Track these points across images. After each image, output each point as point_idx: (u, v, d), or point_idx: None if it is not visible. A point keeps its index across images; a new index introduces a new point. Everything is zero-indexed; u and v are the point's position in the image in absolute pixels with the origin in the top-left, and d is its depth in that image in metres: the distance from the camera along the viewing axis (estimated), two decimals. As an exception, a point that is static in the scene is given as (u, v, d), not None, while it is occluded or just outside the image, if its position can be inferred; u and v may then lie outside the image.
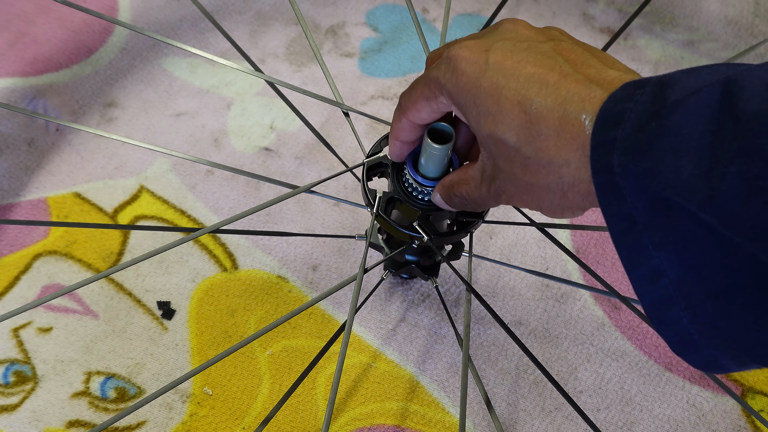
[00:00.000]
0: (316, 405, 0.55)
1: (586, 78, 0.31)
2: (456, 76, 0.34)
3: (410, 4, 0.54)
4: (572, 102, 0.30)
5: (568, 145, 0.30)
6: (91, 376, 0.55)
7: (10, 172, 0.63)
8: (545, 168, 0.31)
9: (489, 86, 0.33)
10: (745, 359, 0.27)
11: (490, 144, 0.34)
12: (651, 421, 0.55)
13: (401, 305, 0.59)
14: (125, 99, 0.68)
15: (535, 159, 0.32)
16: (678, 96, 0.27)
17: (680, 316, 0.27)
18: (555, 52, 0.33)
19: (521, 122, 0.32)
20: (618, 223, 0.28)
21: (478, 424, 0.55)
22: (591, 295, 0.60)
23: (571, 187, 0.31)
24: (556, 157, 0.31)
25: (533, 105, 0.31)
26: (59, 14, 0.70)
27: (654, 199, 0.26)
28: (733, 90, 0.25)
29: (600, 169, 0.28)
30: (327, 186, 0.64)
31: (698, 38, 0.75)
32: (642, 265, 0.28)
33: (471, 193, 0.38)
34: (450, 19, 0.74)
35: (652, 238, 0.27)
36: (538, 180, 0.32)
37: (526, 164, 0.32)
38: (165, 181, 0.64)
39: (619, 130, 0.28)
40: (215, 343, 0.57)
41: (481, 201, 0.38)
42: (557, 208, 0.33)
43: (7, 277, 0.59)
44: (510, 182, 0.34)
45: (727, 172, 0.24)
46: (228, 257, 0.61)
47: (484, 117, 0.33)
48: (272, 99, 0.69)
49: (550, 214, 0.34)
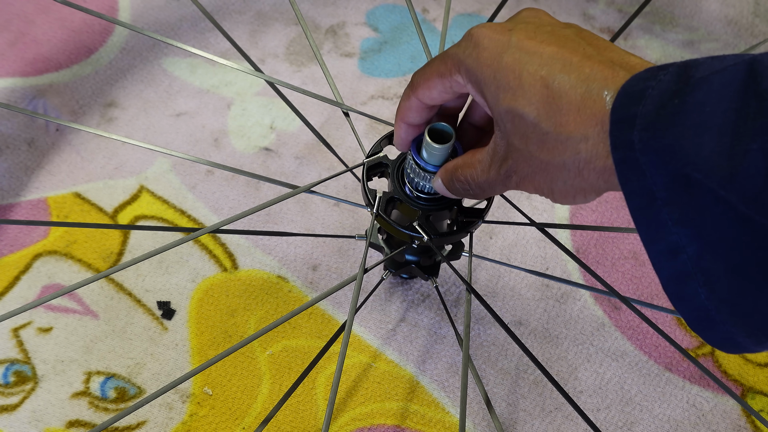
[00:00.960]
0: (316, 405, 0.55)
1: (610, 60, 0.31)
2: (477, 51, 0.34)
3: (410, 4, 0.54)
4: (595, 80, 0.30)
5: (588, 121, 0.30)
6: (91, 376, 0.55)
7: (10, 172, 0.63)
8: (563, 144, 0.31)
9: (511, 61, 0.33)
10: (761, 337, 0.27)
11: (507, 120, 0.33)
12: (651, 421, 0.55)
13: (401, 305, 0.59)
14: (125, 99, 0.68)
15: (554, 134, 0.31)
16: (702, 74, 0.27)
17: (698, 292, 0.27)
18: (578, 37, 0.33)
19: (542, 96, 0.32)
20: (637, 199, 0.28)
21: (478, 424, 0.55)
22: (591, 295, 0.60)
23: (587, 164, 0.31)
24: (575, 132, 0.31)
25: (556, 80, 0.31)
26: (59, 14, 0.70)
27: (674, 175, 0.26)
28: (757, 69, 0.25)
29: (620, 145, 0.28)
30: (327, 186, 0.64)
31: (698, 38, 0.75)
32: (660, 240, 0.28)
33: (477, 176, 0.38)
34: (450, 19, 0.74)
35: (671, 213, 0.27)
36: (554, 157, 0.32)
37: (544, 140, 0.32)
38: (165, 181, 0.64)
39: (641, 106, 0.28)
40: (215, 343, 0.57)
41: (486, 185, 0.38)
42: (570, 189, 0.33)
43: (7, 277, 0.59)
44: (524, 161, 0.34)
45: (749, 150, 0.24)
46: (228, 257, 0.61)
47: (504, 91, 0.33)
48: (272, 99, 0.69)
49: (561, 197, 0.34)
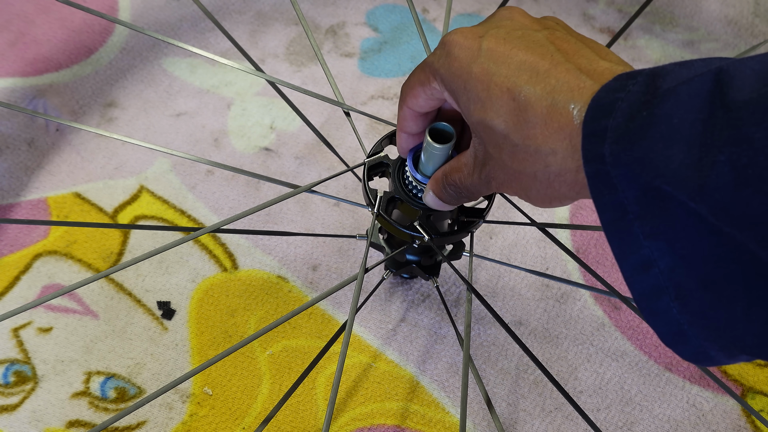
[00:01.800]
0: (316, 405, 0.55)
1: (577, 68, 0.31)
2: (449, 61, 0.35)
3: (411, 4, 0.54)
4: (561, 91, 0.30)
5: (556, 134, 0.30)
6: (91, 376, 0.55)
7: (10, 172, 0.63)
8: (532, 156, 0.32)
9: (480, 72, 0.33)
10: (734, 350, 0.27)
11: (480, 130, 0.34)
12: (651, 421, 0.55)
13: (401, 305, 0.59)
14: (125, 99, 0.68)
15: (523, 147, 0.32)
16: (669, 85, 0.27)
17: (670, 306, 0.27)
18: (548, 41, 0.33)
19: (510, 109, 0.32)
20: (609, 213, 0.28)
21: (479, 424, 0.55)
22: (591, 295, 0.60)
23: (557, 177, 0.31)
24: (543, 146, 0.31)
25: (522, 92, 0.31)
26: (59, 14, 0.70)
27: (645, 188, 0.26)
28: (724, 79, 0.25)
29: (591, 159, 0.28)
30: (327, 186, 0.64)
31: (698, 38, 0.75)
32: (632, 254, 0.28)
33: (464, 179, 0.38)
34: (450, 19, 0.74)
35: (643, 227, 0.27)
36: (525, 168, 0.32)
37: (514, 151, 0.32)
38: (165, 181, 0.64)
39: (611, 119, 0.28)
40: (215, 343, 0.57)
41: (473, 188, 0.38)
42: (544, 196, 0.33)
43: (7, 277, 0.59)
44: (499, 169, 0.34)
45: (717, 161, 0.24)
46: (228, 257, 0.61)
47: (474, 103, 0.33)
48: (272, 99, 0.69)
49: (537, 202, 0.34)
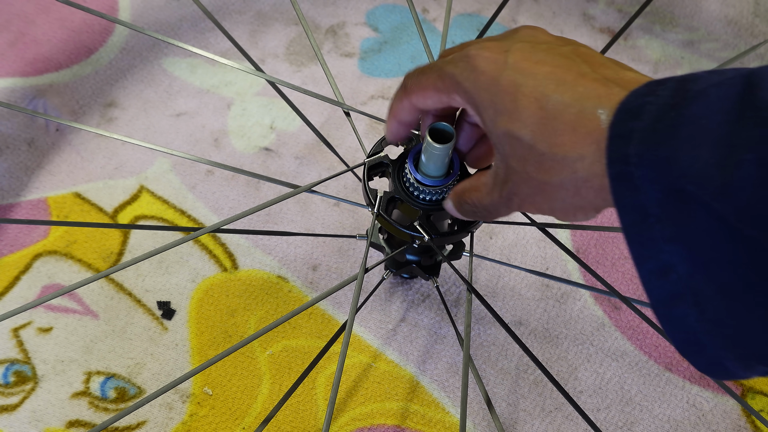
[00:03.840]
0: (316, 405, 0.55)
1: (604, 77, 0.31)
2: (474, 74, 0.34)
3: (411, 4, 0.54)
4: (589, 98, 0.30)
5: (584, 140, 0.30)
6: (91, 376, 0.55)
7: (10, 172, 0.63)
8: (559, 164, 0.31)
9: (507, 84, 0.33)
10: (751, 361, 0.27)
11: (505, 143, 0.34)
12: (651, 421, 0.55)
13: (401, 305, 0.59)
14: (125, 99, 0.68)
15: (550, 155, 0.31)
16: (699, 87, 0.27)
17: (687, 314, 0.27)
18: (574, 54, 0.33)
19: (537, 118, 0.32)
20: (630, 215, 0.28)
21: (479, 424, 0.55)
22: (591, 295, 0.60)
23: (584, 183, 0.31)
24: (571, 152, 0.31)
25: (550, 101, 0.31)
26: (59, 14, 0.70)
27: (668, 189, 0.26)
28: (754, 81, 0.25)
29: (615, 160, 0.28)
30: (327, 186, 0.64)
31: (698, 38, 0.75)
32: (651, 259, 0.27)
33: (482, 199, 0.38)
34: (450, 19, 0.74)
35: (663, 231, 0.27)
36: (552, 177, 0.32)
37: (541, 161, 0.32)
38: (165, 181, 0.64)
39: (638, 121, 0.28)
40: (215, 343, 0.57)
41: (492, 208, 0.38)
42: (570, 207, 0.33)
43: (7, 277, 0.59)
44: (523, 183, 0.34)
45: (743, 160, 0.24)
46: (228, 257, 0.61)
47: (501, 115, 0.33)
48: (272, 99, 0.69)
49: (562, 215, 0.34)
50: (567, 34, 0.75)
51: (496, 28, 0.75)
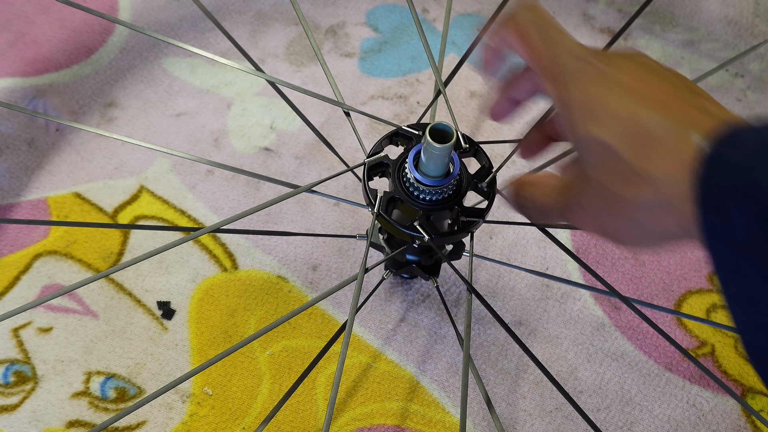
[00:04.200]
0: (316, 405, 0.55)
1: (703, 107, 0.31)
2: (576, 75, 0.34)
3: (411, 4, 0.54)
4: (686, 122, 0.30)
5: (673, 159, 0.29)
6: (91, 376, 0.55)
7: (10, 172, 0.63)
8: (642, 179, 0.30)
9: (605, 93, 0.33)
10: None
11: (587, 148, 0.33)
12: (651, 421, 0.55)
13: (401, 305, 0.59)
14: (125, 99, 0.68)
15: (635, 168, 0.31)
16: None
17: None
18: (676, 80, 0.33)
19: (629, 130, 0.31)
20: (716, 243, 0.27)
21: (479, 424, 0.55)
22: (591, 295, 0.60)
23: (665, 205, 0.30)
24: (657, 169, 0.30)
25: (645, 116, 0.31)
26: (59, 14, 0.70)
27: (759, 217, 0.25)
28: None
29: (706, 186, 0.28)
30: (327, 186, 0.64)
31: (698, 38, 0.75)
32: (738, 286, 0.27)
33: (540, 198, 0.37)
34: (450, 19, 0.74)
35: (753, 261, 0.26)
36: (630, 192, 0.31)
37: (622, 172, 0.31)
38: (165, 181, 0.64)
39: (735, 151, 0.27)
40: (215, 343, 0.57)
41: (545, 209, 0.37)
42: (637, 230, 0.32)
43: (7, 277, 0.59)
44: (595, 194, 0.33)
45: None
46: (228, 257, 0.61)
47: (591, 119, 0.33)
48: (272, 99, 0.69)
49: (626, 238, 0.33)
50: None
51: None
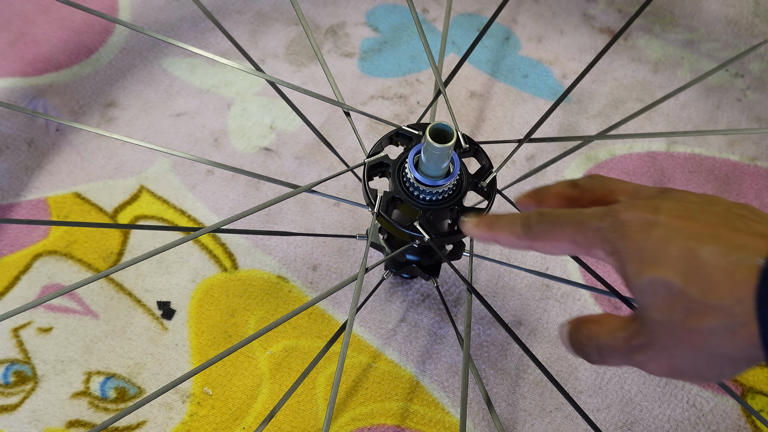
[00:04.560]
0: (316, 405, 0.55)
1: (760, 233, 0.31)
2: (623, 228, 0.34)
3: (411, 4, 0.54)
4: (746, 249, 0.30)
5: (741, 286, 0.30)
6: (91, 376, 0.55)
7: (10, 172, 0.63)
8: (714, 310, 0.31)
9: (658, 236, 0.33)
10: None
11: (648, 293, 0.33)
12: (651, 421, 0.55)
13: (401, 305, 0.59)
14: (125, 99, 0.68)
15: (703, 301, 0.31)
16: None
17: None
18: (727, 212, 0.33)
19: (690, 266, 0.31)
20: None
21: (478, 424, 0.55)
22: (591, 295, 0.60)
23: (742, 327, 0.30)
24: (726, 298, 0.30)
25: (704, 251, 0.31)
26: (59, 14, 0.70)
27: None
28: None
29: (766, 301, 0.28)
30: (327, 186, 0.64)
31: (698, 38, 0.75)
32: None
33: (601, 335, 0.37)
34: (450, 19, 0.74)
35: None
36: (703, 323, 0.31)
37: (691, 308, 0.31)
38: (165, 181, 0.64)
39: None
40: (215, 343, 0.57)
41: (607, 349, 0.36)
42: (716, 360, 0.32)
43: (7, 277, 0.59)
44: (664, 334, 0.33)
45: None
46: (228, 257, 0.61)
47: (648, 264, 0.33)
48: (272, 99, 0.69)
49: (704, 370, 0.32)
50: (567, 34, 0.75)
51: (496, 28, 0.75)
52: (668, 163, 0.67)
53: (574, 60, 0.73)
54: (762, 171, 0.67)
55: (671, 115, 0.70)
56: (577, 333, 0.38)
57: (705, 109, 0.71)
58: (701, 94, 0.72)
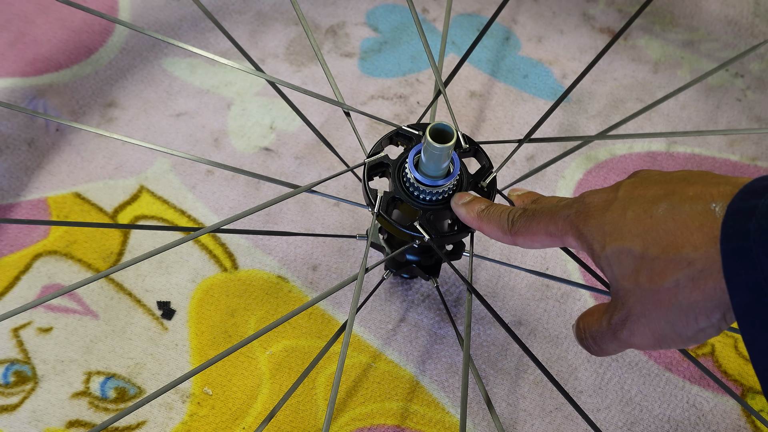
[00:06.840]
0: (316, 405, 0.55)
1: (714, 182, 0.31)
2: (587, 209, 0.35)
3: (411, 4, 0.54)
4: (700, 198, 0.30)
5: (697, 232, 0.30)
6: (91, 376, 0.55)
7: (10, 172, 0.63)
8: (674, 262, 0.31)
9: (616, 208, 0.34)
10: None
11: (614, 264, 0.34)
12: (651, 421, 0.55)
13: (401, 305, 0.59)
14: (125, 99, 0.68)
15: (663, 257, 0.31)
16: None
17: None
18: (685, 173, 0.33)
19: (646, 226, 0.32)
20: (743, 294, 0.27)
21: (478, 424, 0.55)
22: (591, 295, 0.60)
23: (702, 273, 0.30)
24: (684, 247, 0.30)
25: (659, 208, 0.32)
26: (59, 14, 0.70)
27: None
28: None
29: (732, 235, 0.28)
30: (327, 186, 0.64)
31: (698, 38, 0.75)
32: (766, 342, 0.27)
33: (591, 324, 0.37)
34: (450, 19, 0.74)
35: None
36: (667, 279, 0.31)
37: (653, 267, 0.32)
38: (165, 181, 0.64)
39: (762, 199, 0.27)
40: (215, 343, 0.57)
41: (598, 335, 0.37)
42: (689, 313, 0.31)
43: (7, 277, 0.59)
44: (636, 301, 0.33)
45: None
46: (228, 257, 0.61)
47: (608, 235, 0.33)
48: (272, 99, 0.69)
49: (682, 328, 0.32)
50: (567, 34, 0.75)
51: (496, 28, 0.75)
52: (668, 163, 0.67)
53: (574, 60, 0.73)
54: (762, 171, 0.67)
55: (671, 115, 0.70)
56: (578, 328, 0.39)
57: (705, 109, 0.71)
58: (701, 94, 0.72)
